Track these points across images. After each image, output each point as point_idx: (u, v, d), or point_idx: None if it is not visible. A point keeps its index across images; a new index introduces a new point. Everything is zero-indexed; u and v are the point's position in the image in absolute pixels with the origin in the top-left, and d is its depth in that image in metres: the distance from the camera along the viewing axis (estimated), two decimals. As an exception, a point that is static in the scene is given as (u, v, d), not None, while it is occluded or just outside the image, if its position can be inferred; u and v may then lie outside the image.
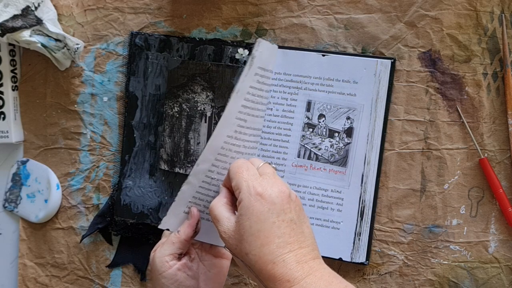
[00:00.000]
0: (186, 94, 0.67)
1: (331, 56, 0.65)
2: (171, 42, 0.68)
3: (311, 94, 0.66)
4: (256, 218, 0.48)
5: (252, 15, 0.67)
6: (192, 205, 0.59)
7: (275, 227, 0.48)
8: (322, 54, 0.65)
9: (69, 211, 0.73)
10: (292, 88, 0.66)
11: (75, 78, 0.72)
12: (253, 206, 0.49)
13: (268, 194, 0.50)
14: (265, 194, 0.49)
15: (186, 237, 0.57)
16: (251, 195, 0.49)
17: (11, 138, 0.72)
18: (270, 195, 0.49)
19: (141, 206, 0.70)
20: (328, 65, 0.65)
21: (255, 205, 0.49)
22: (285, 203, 0.50)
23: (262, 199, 0.49)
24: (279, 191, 0.50)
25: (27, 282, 0.75)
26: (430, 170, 0.65)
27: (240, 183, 0.51)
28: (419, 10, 0.64)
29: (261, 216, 0.48)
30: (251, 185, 0.50)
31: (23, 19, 0.65)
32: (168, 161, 0.68)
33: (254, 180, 0.51)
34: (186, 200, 0.58)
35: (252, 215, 0.49)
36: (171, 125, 0.68)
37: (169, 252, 0.57)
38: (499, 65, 0.63)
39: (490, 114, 0.64)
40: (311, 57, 0.65)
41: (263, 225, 0.48)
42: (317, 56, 0.65)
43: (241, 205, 0.50)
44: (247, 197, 0.49)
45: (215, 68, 0.66)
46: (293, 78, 0.66)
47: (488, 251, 0.65)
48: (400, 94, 0.65)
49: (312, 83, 0.66)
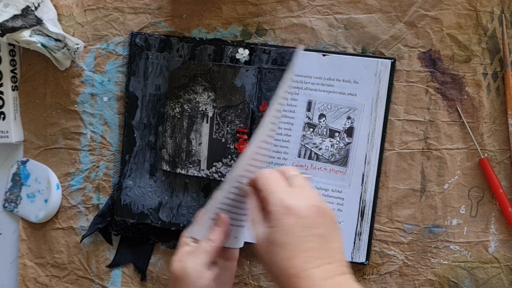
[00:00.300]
0: (187, 94, 0.67)
1: (332, 56, 0.65)
2: (171, 42, 0.68)
3: (312, 94, 0.66)
4: (283, 231, 0.48)
5: (252, 15, 0.67)
6: (219, 211, 0.57)
7: (301, 241, 0.47)
8: (323, 54, 0.65)
9: (69, 211, 0.73)
10: (293, 88, 0.66)
11: (75, 78, 0.72)
12: (281, 219, 0.48)
13: (297, 207, 0.48)
14: (293, 208, 0.48)
15: (220, 244, 0.56)
16: (279, 208, 0.48)
17: (11, 138, 0.72)
18: (299, 209, 0.48)
19: (141, 206, 0.70)
20: (328, 65, 0.65)
21: (283, 218, 0.48)
22: (314, 218, 0.49)
23: (290, 212, 0.48)
24: (309, 205, 0.49)
25: (27, 282, 0.75)
26: (430, 170, 0.65)
27: (269, 196, 0.50)
28: (419, 10, 0.64)
29: (288, 229, 0.48)
30: (279, 198, 0.49)
31: (23, 19, 0.65)
32: (170, 162, 0.68)
33: (283, 192, 0.50)
34: (215, 206, 0.57)
35: (279, 228, 0.48)
36: (173, 126, 0.68)
37: (204, 261, 0.55)
38: (499, 65, 0.63)
39: (490, 114, 0.64)
40: (312, 57, 0.65)
41: (290, 239, 0.47)
42: (318, 56, 0.65)
43: (269, 217, 0.49)
44: (275, 210, 0.49)
45: (217, 68, 0.66)
46: (293, 78, 0.66)
47: (488, 251, 0.65)
48: (400, 94, 0.65)
49: (313, 83, 0.66)
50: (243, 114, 0.66)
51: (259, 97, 0.66)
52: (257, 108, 0.66)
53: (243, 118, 0.66)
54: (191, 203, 0.69)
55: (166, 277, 0.71)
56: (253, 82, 0.66)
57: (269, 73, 0.66)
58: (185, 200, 0.69)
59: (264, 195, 0.50)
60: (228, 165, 0.67)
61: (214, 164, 0.67)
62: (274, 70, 0.66)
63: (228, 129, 0.67)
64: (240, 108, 0.66)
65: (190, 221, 0.69)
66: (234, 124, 0.66)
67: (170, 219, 0.69)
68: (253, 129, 0.66)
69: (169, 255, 0.71)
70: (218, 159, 0.67)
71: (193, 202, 0.69)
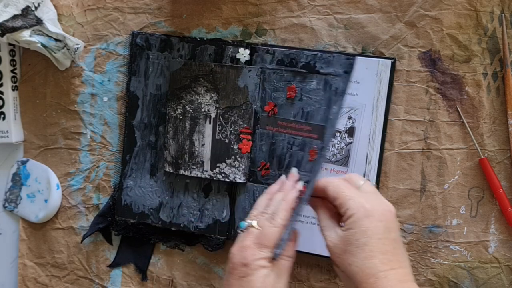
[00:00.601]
0: (189, 95, 0.67)
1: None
2: (172, 42, 0.68)
3: (312, 94, 0.66)
4: (363, 233, 0.50)
5: (252, 15, 0.67)
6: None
7: (381, 244, 0.50)
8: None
9: (69, 211, 0.73)
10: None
11: (75, 78, 0.72)
12: (361, 222, 0.50)
13: (376, 211, 0.51)
14: (373, 212, 0.51)
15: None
16: (360, 211, 0.51)
17: (11, 138, 0.72)
18: (377, 212, 0.51)
19: (141, 206, 0.70)
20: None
21: (363, 220, 0.50)
22: (390, 222, 0.51)
23: (370, 215, 0.51)
24: (386, 210, 0.52)
25: (27, 282, 0.75)
26: (430, 170, 0.65)
27: (347, 201, 0.52)
28: (419, 10, 0.64)
29: (368, 231, 0.50)
30: (358, 202, 0.52)
31: (23, 19, 0.65)
32: (173, 163, 0.68)
33: (360, 197, 0.52)
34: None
35: (359, 230, 0.50)
36: (175, 127, 0.68)
37: (287, 280, 0.56)
38: (499, 65, 0.63)
39: (490, 114, 0.64)
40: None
41: (369, 240, 0.50)
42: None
43: (349, 220, 0.51)
44: (356, 214, 0.51)
45: (219, 69, 0.66)
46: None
47: (488, 251, 0.65)
48: (400, 94, 0.65)
49: (313, 83, 0.66)
50: (246, 115, 0.66)
51: (263, 97, 0.66)
52: (261, 109, 0.66)
53: (246, 119, 0.66)
54: (191, 203, 0.69)
55: (166, 277, 0.71)
56: (256, 82, 0.66)
57: (274, 73, 0.66)
58: (186, 200, 0.69)
59: (341, 201, 0.53)
60: (232, 166, 0.67)
61: (218, 165, 0.67)
62: (280, 71, 0.66)
63: (231, 130, 0.66)
64: (243, 109, 0.66)
65: (191, 221, 0.69)
66: (237, 125, 0.66)
67: (171, 219, 0.69)
68: (256, 129, 0.66)
69: (169, 255, 0.71)
70: (222, 160, 0.67)
71: (194, 202, 0.69)
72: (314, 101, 0.65)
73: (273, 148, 0.66)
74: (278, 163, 0.66)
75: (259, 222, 0.57)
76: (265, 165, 0.67)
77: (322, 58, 0.64)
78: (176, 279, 0.71)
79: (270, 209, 0.57)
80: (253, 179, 0.67)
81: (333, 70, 0.64)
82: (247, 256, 0.55)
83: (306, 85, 0.65)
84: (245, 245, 0.56)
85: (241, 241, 0.56)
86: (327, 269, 0.67)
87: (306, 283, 0.68)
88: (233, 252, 0.56)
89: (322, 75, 0.65)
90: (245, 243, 0.56)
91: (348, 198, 0.52)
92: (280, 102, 0.66)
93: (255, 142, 0.67)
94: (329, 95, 0.64)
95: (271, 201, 0.59)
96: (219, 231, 0.68)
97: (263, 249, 0.55)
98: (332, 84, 0.64)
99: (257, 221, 0.57)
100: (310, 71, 0.65)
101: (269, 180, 0.66)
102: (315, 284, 0.68)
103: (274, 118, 0.66)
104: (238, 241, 0.57)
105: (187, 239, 0.70)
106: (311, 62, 0.65)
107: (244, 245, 0.56)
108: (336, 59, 0.64)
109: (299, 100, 0.65)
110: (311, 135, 0.65)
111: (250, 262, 0.54)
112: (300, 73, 0.65)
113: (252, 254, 0.55)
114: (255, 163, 0.67)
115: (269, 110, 0.66)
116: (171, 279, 0.71)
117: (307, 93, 0.65)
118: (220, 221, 0.68)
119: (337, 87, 0.64)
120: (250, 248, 0.55)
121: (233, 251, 0.56)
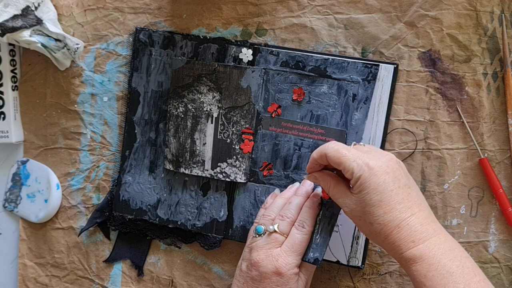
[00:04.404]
0: (191, 94, 0.67)
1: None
2: (175, 39, 0.68)
3: (312, 94, 0.66)
4: (375, 190, 0.51)
5: (252, 15, 0.67)
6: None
7: (394, 194, 0.51)
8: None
9: (69, 211, 0.73)
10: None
11: (75, 78, 0.72)
12: (369, 181, 0.51)
13: (379, 166, 0.52)
14: (377, 167, 0.51)
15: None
16: (365, 171, 0.51)
17: (11, 138, 0.72)
18: (381, 167, 0.52)
19: (139, 202, 0.70)
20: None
21: (371, 178, 0.51)
22: (396, 170, 0.52)
23: (376, 171, 0.51)
24: (388, 160, 0.53)
25: (27, 282, 0.75)
26: (430, 170, 0.65)
27: (350, 165, 0.52)
28: (419, 10, 0.64)
29: (379, 187, 0.51)
30: (361, 163, 0.52)
31: (23, 19, 0.65)
32: (173, 161, 0.68)
33: (361, 157, 0.53)
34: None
35: (370, 188, 0.51)
36: (176, 125, 0.68)
37: (310, 282, 0.59)
38: (499, 65, 0.63)
39: (490, 114, 0.64)
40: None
41: (383, 195, 0.51)
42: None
43: (358, 182, 0.52)
44: (362, 173, 0.51)
45: (222, 68, 0.66)
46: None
47: (488, 251, 0.65)
48: (400, 94, 0.65)
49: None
50: (248, 115, 0.66)
51: (266, 98, 0.66)
52: (264, 109, 0.66)
53: (248, 119, 0.66)
54: (189, 201, 0.69)
55: (166, 277, 0.72)
56: (259, 83, 0.66)
57: (278, 74, 0.66)
58: (184, 198, 0.69)
59: (344, 165, 0.53)
60: (233, 166, 0.67)
61: (219, 164, 0.67)
62: (285, 73, 0.66)
63: (233, 130, 0.66)
64: (246, 109, 0.66)
65: (188, 219, 0.69)
66: (239, 125, 0.66)
67: (168, 216, 0.69)
68: (258, 130, 0.66)
69: (169, 255, 0.71)
70: (223, 160, 0.67)
71: (192, 200, 0.69)
72: (327, 105, 0.65)
73: (277, 149, 0.66)
74: (283, 164, 0.66)
75: (280, 227, 0.57)
76: (267, 165, 0.67)
77: (334, 63, 0.64)
78: (176, 279, 0.71)
79: (289, 214, 0.58)
80: (254, 179, 0.67)
81: (349, 76, 0.64)
82: (281, 265, 0.55)
83: (315, 88, 0.65)
84: (274, 253, 0.56)
85: (267, 248, 0.56)
86: (327, 269, 0.68)
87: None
88: (258, 260, 0.56)
89: (334, 80, 0.64)
90: (273, 250, 0.56)
91: (352, 160, 0.52)
92: (285, 103, 0.66)
93: (257, 142, 0.67)
94: (346, 101, 0.64)
95: (290, 205, 0.59)
96: (216, 230, 0.68)
97: (297, 257, 0.56)
98: (347, 90, 0.64)
99: (278, 225, 0.57)
100: (320, 75, 0.65)
101: (272, 180, 0.66)
102: (315, 284, 0.68)
103: (278, 119, 0.66)
104: (259, 247, 0.57)
105: (184, 237, 0.70)
106: (321, 66, 0.65)
107: (274, 254, 0.56)
108: (351, 66, 0.64)
109: (307, 102, 0.65)
110: (325, 138, 0.65)
111: (285, 271, 0.55)
112: (308, 76, 0.65)
113: (286, 263, 0.55)
114: (257, 163, 0.67)
115: (272, 111, 0.66)
116: (171, 279, 0.71)
117: (317, 96, 0.65)
118: (217, 220, 0.68)
119: (355, 93, 0.64)
120: (281, 256, 0.55)
121: (258, 259, 0.56)
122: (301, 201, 0.60)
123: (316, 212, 0.58)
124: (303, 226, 0.57)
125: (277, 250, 0.56)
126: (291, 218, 0.58)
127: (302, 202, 0.60)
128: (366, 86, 0.64)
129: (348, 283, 0.67)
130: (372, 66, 0.64)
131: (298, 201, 0.59)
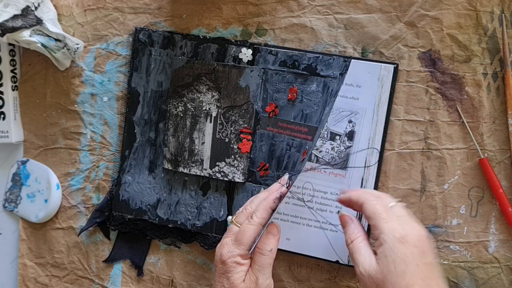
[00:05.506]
0: (191, 93, 0.67)
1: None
2: (174, 39, 0.68)
3: (312, 94, 0.66)
4: (401, 260, 0.49)
5: (252, 15, 0.67)
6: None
7: (419, 270, 0.49)
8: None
9: (69, 211, 0.73)
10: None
11: (75, 78, 0.72)
12: (397, 249, 0.50)
13: (410, 236, 0.50)
14: (407, 237, 0.50)
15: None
16: (395, 237, 0.50)
17: (11, 138, 0.72)
18: (412, 238, 0.50)
19: (139, 202, 0.70)
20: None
21: (400, 247, 0.50)
22: (425, 246, 0.51)
23: (406, 242, 0.50)
24: (420, 234, 0.51)
25: (27, 282, 0.75)
26: (430, 170, 0.65)
27: (382, 225, 0.52)
28: (419, 10, 0.64)
29: (405, 258, 0.49)
30: (392, 228, 0.51)
31: (23, 19, 0.65)
32: (172, 161, 0.68)
33: (394, 221, 0.52)
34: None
35: (397, 258, 0.49)
36: (175, 125, 0.68)
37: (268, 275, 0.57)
38: (499, 65, 0.63)
39: (490, 114, 0.64)
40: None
41: (408, 268, 0.49)
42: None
43: (384, 246, 0.51)
44: (391, 239, 0.50)
45: (221, 68, 0.66)
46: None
47: (488, 251, 0.65)
48: (400, 94, 0.65)
49: (313, 84, 0.66)
50: (247, 115, 0.66)
51: (265, 98, 0.66)
52: (262, 109, 0.66)
53: (247, 119, 0.66)
54: (189, 201, 0.69)
55: (166, 277, 0.72)
56: (258, 82, 0.66)
57: (276, 74, 0.66)
58: (183, 197, 0.69)
59: (375, 223, 0.52)
60: (231, 165, 0.67)
61: (217, 163, 0.67)
62: (282, 72, 0.66)
63: (232, 129, 0.67)
64: (244, 109, 0.66)
65: (188, 219, 0.69)
66: (238, 124, 0.66)
67: (168, 216, 0.69)
68: (257, 130, 0.66)
69: (169, 255, 0.71)
70: (221, 159, 0.67)
71: (191, 200, 0.69)
72: (313, 103, 0.65)
73: (273, 149, 0.66)
74: (277, 164, 0.66)
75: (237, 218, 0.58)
76: (264, 166, 0.67)
77: (323, 61, 0.64)
78: (176, 279, 0.71)
79: (249, 206, 0.59)
80: (252, 179, 0.67)
81: (332, 72, 0.64)
82: (224, 253, 0.56)
83: (307, 87, 0.65)
84: (223, 242, 0.57)
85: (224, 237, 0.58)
86: (327, 269, 0.67)
87: (306, 283, 0.68)
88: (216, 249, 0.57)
89: (321, 77, 0.65)
90: (224, 240, 0.57)
91: (385, 221, 0.52)
92: (282, 103, 0.66)
93: (255, 142, 0.67)
94: (326, 97, 0.64)
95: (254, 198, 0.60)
96: (216, 230, 0.68)
97: (239, 246, 0.56)
98: (329, 86, 0.64)
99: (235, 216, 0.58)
100: (311, 73, 0.65)
101: (268, 180, 0.66)
102: (315, 284, 0.68)
103: (275, 119, 0.66)
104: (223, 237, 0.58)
105: (184, 237, 0.70)
106: (313, 64, 0.65)
107: (223, 242, 0.57)
108: (336, 62, 0.64)
109: (299, 102, 0.65)
110: (307, 136, 0.65)
111: (226, 259, 0.56)
112: (302, 75, 0.65)
113: (228, 251, 0.56)
114: (255, 163, 0.67)
115: (270, 111, 0.66)
116: (171, 279, 0.71)
117: (307, 95, 0.65)
118: (217, 220, 0.68)
119: (332, 89, 0.64)
120: (227, 245, 0.56)
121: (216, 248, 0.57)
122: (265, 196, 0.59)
123: (270, 204, 0.58)
124: (251, 216, 0.57)
125: (226, 239, 0.57)
126: (249, 210, 0.58)
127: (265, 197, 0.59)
128: (339, 80, 0.64)
129: (348, 283, 0.67)
130: (347, 60, 0.64)
131: (262, 195, 0.60)
